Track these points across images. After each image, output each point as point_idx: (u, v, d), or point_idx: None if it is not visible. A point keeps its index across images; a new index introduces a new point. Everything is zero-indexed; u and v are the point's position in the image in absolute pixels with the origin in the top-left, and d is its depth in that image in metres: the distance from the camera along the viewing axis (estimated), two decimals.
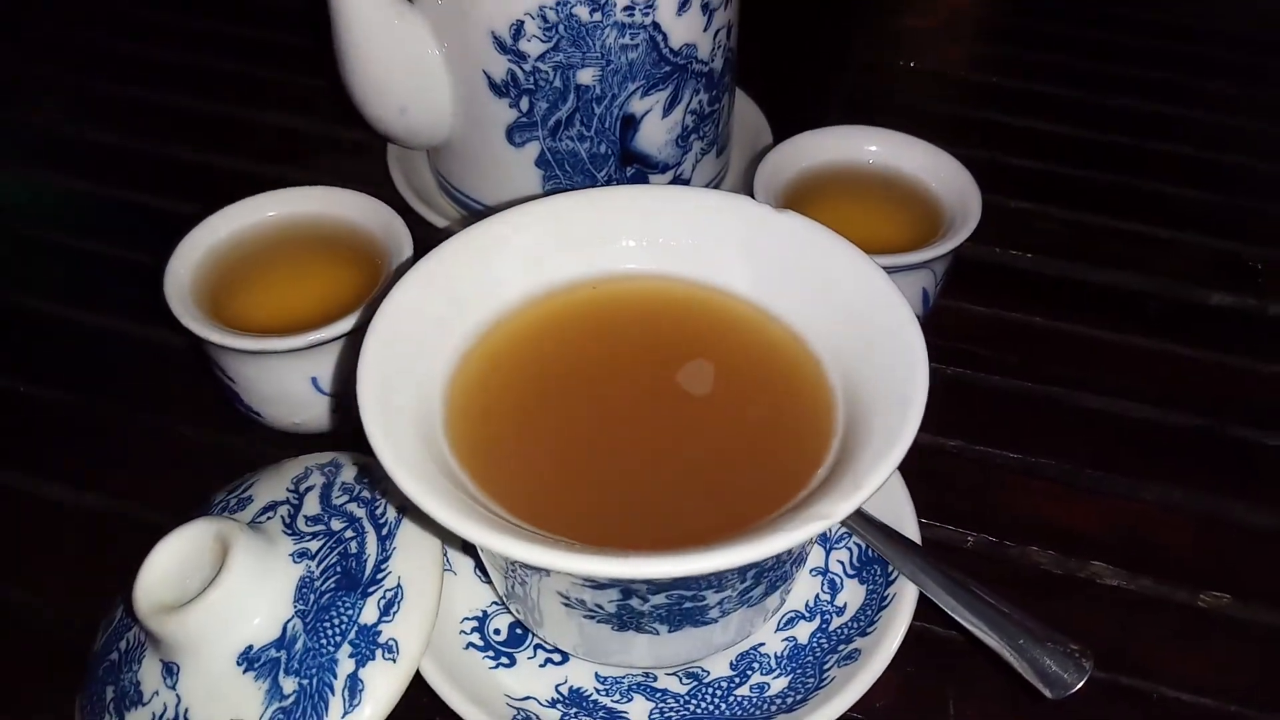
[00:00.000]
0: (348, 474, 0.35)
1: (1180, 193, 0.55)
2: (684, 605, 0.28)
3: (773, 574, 0.29)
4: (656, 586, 0.27)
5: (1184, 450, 0.42)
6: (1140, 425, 0.43)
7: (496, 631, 0.34)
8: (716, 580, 0.27)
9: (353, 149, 0.55)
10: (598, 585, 0.27)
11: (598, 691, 0.32)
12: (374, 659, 0.30)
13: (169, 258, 0.39)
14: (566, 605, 0.29)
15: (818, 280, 0.32)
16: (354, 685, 0.30)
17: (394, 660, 0.30)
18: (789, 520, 0.25)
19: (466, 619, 0.34)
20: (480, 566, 0.35)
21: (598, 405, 0.31)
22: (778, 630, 0.34)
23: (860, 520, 0.34)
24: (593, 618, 0.29)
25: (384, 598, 0.31)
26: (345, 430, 0.41)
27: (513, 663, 0.33)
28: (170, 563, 0.31)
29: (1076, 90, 0.63)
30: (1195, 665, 0.35)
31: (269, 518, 0.33)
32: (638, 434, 0.30)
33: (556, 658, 0.33)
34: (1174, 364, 0.46)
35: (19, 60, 0.64)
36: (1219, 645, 0.36)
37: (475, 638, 0.33)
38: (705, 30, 0.44)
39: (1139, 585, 0.38)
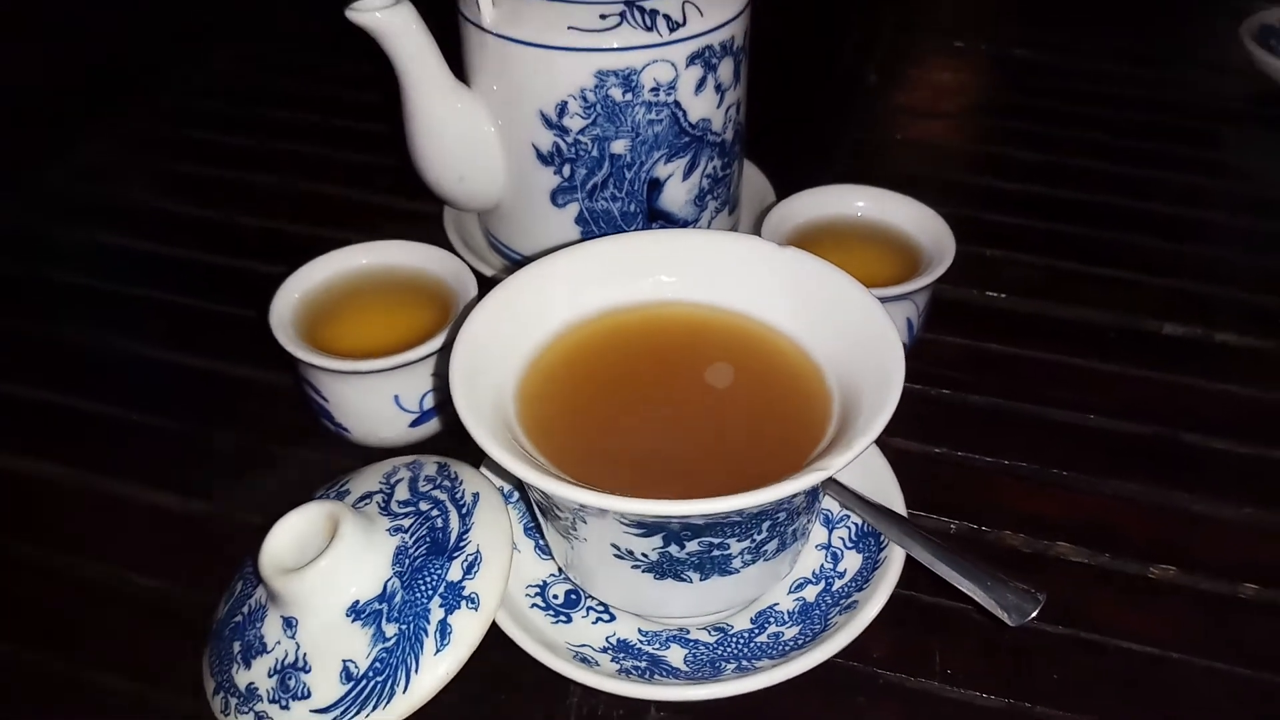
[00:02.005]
0: (429, 469, 0.42)
1: (1137, 240, 0.63)
2: (712, 553, 0.35)
3: (784, 530, 0.36)
4: (691, 531, 0.33)
5: (1139, 453, 0.49)
6: (1101, 434, 0.50)
7: (555, 596, 0.40)
8: (740, 529, 0.34)
9: (413, 216, 0.63)
10: (644, 532, 0.34)
11: (640, 642, 0.39)
12: (460, 608, 0.37)
13: (272, 298, 0.47)
14: (618, 557, 0.35)
15: (815, 300, 0.40)
16: (444, 629, 0.36)
17: (476, 609, 0.37)
18: (796, 474, 0.32)
19: (530, 586, 0.41)
20: (539, 546, 0.42)
21: (639, 398, 0.39)
22: (789, 593, 0.40)
23: (857, 501, 0.41)
24: (638, 567, 0.35)
25: (466, 560, 0.38)
26: (421, 444, 0.48)
27: (569, 620, 0.40)
28: (289, 536, 0.38)
29: (1044, 154, 0.71)
30: (1145, 623, 0.41)
31: (367, 503, 0.40)
32: (671, 419, 0.38)
33: (606, 617, 0.40)
34: (1131, 384, 0.53)
35: (115, 148, 0.73)
36: (1166, 607, 0.42)
37: (538, 600, 0.40)
38: (718, 107, 0.53)
39: (1098, 561, 0.44)
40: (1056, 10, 0.92)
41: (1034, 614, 0.36)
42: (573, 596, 0.41)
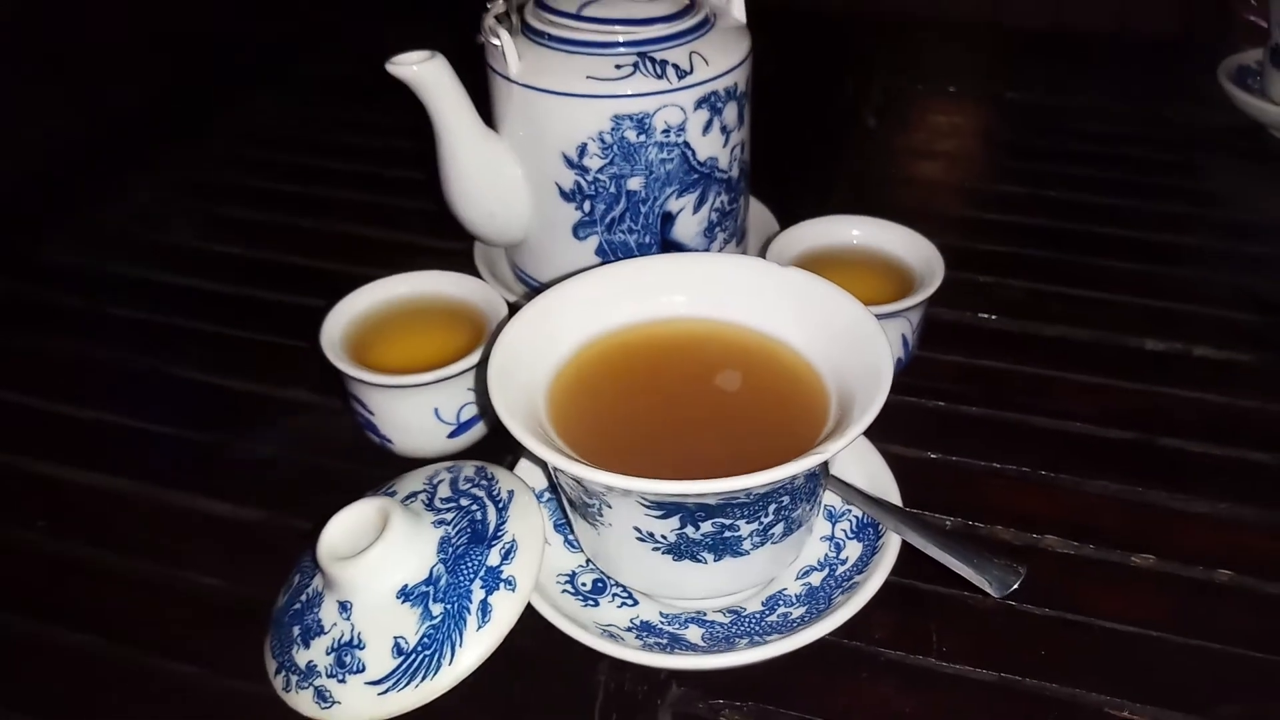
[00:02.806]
0: (468, 471, 0.46)
1: (1121, 265, 0.67)
2: (724, 535, 0.39)
3: (788, 515, 0.40)
4: (705, 512, 0.37)
5: (1120, 456, 0.53)
6: (1084, 439, 0.54)
7: (583, 584, 0.44)
8: (748, 510, 0.38)
9: (445, 253, 0.68)
10: (663, 514, 0.38)
11: (661, 623, 0.43)
12: (498, 589, 0.41)
13: (318, 327, 0.52)
14: (639, 540, 0.39)
15: (813, 312, 0.44)
16: (484, 609, 0.40)
17: (513, 590, 0.41)
18: (797, 458, 0.36)
19: (560, 575, 0.45)
20: (568, 541, 0.46)
21: (657, 398, 0.43)
22: (797, 579, 0.44)
23: (858, 495, 0.45)
24: (659, 549, 0.39)
25: (504, 548, 0.42)
26: (458, 455, 0.52)
27: (597, 604, 0.43)
28: (343, 528, 0.42)
29: (1032, 188, 0.76)
30: (1127, 605, 0.45)
31: (413, 500, 0.44)
32: (685, 416, 0.42)
33: (630, 601, 0.44)
34: (1113, 394, 0.57)
35: (165, 192, 0.79)
36: (1145, 591, 0.46)
37: (568, 587, 0.44)
38: (724, 147, 0.57)
39: (1083, 552, 0.48)
40: (1044, 57, 0.97)
41: (1015, 585, 0.40)
42: (599, 584, 0.44)
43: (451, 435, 0.51)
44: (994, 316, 0.63)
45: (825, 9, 1.06)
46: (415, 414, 0.50)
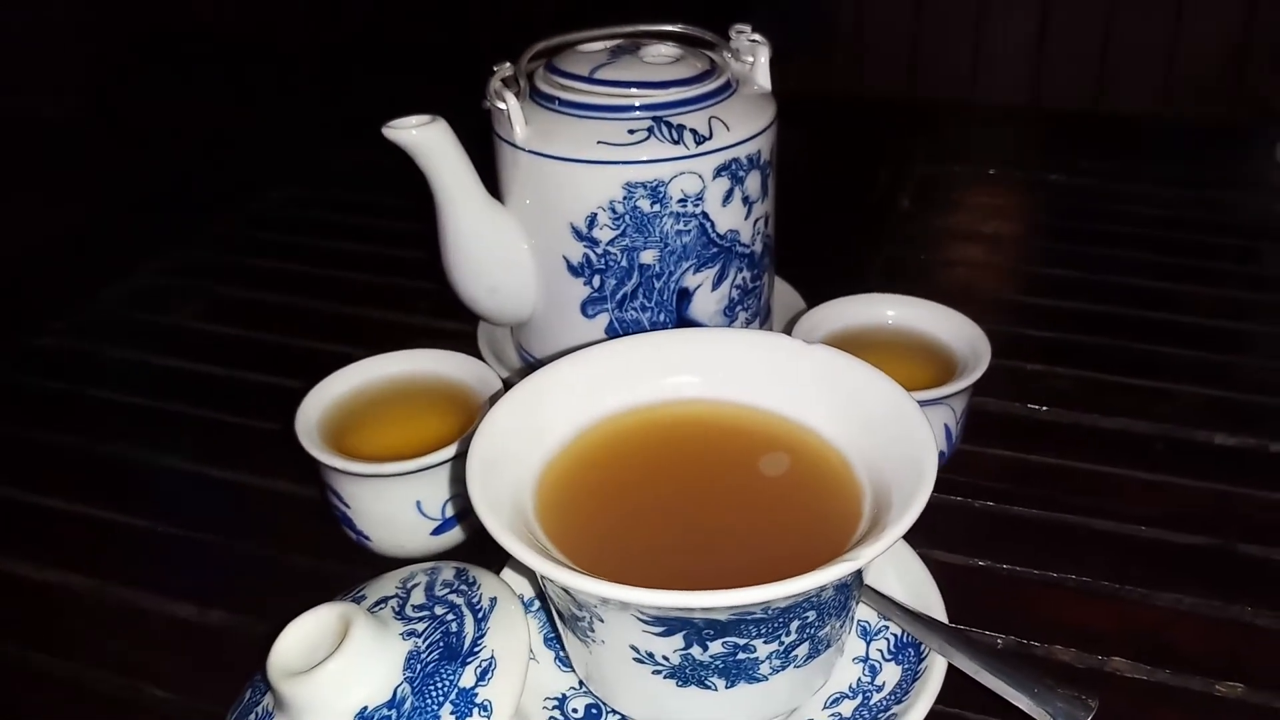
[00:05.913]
0: (447, 574, 0.40)
1: (1181, 353, 0.61)
2: (738, 656, 0.33)
3: (815, 633, 0.34)
4: (715, 630, 0.32)
5: (1195, 564, 0.46)
6: (1151, 544, 0.48)
7: (575, 710, 0.38)
8: (767, 628, 0.32)
9: (449, 335, 0.64)
10: (664, 631, 0.32)
11: None
12: (471, 716, 0.35)
13: (300, 403, 0.47)
14: (638, 661, 0.33)
15: (842, 395, 0.39)
16: None
17: (488, 717, 0.35)
18: (824, 566, 0.30)
19: (548, 699, 0.39)
20: (559, 658, 0.40)
21: (662, 494, 0.38)
22: (824, 708, 0.38)
23: (896, 609, 0.39)
24: (660, 673, 0.33)
25: (480, 666, 0.36)
26: (444, 555, 0.47)
27: None
28: (300, 638, 0.37)
29: (1082, 272, 0.70)
30: None
31: (382, 608, 0.39)
32: (694, 515, 0.37)
33: None
34: (1181, 494, 0.51)
35: (167, 274, 0.76)
36: None
37: (556, 714, 0.38)
38: (746, 219, 0.53)
39: (1158, 678, 0.41)
40: (1087, 139, 0.93)
41: None
42: (594, 711, 0.38)
43: (435, 532, 0.46)
44: (1045, 408, 0.57)
45: (862, 95, 1.03)
46: (395, 507, 0.45)
